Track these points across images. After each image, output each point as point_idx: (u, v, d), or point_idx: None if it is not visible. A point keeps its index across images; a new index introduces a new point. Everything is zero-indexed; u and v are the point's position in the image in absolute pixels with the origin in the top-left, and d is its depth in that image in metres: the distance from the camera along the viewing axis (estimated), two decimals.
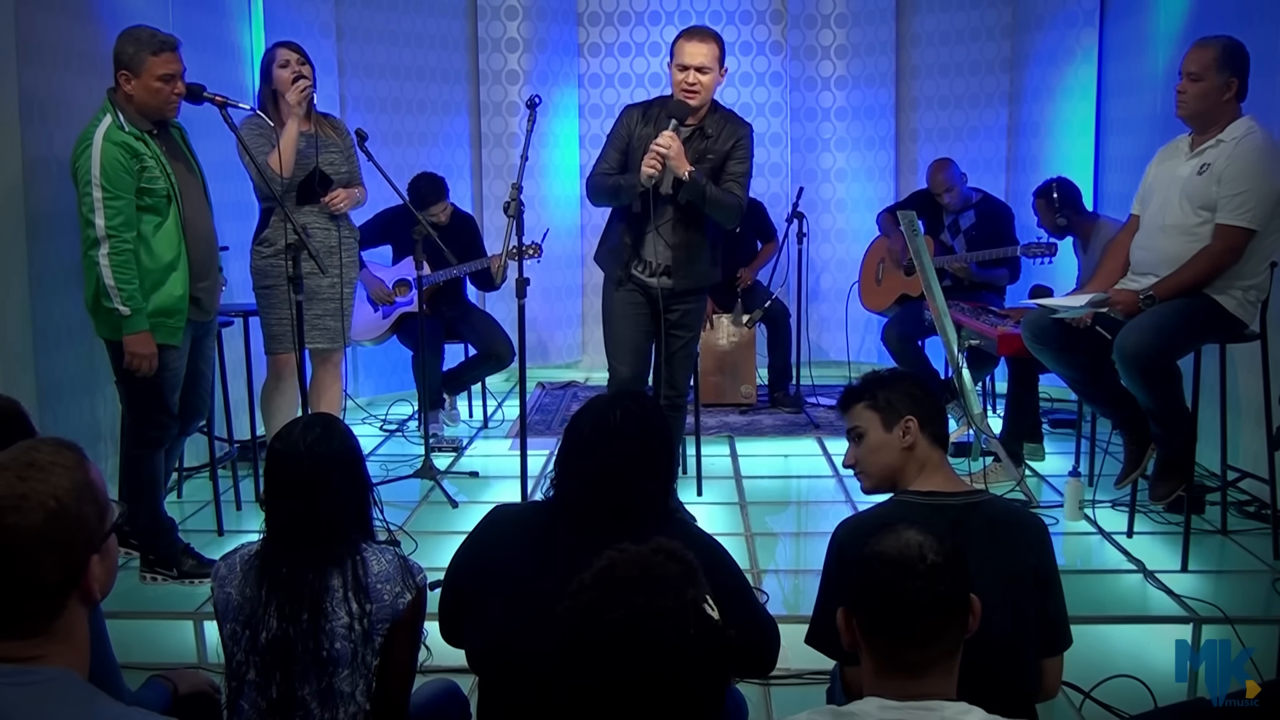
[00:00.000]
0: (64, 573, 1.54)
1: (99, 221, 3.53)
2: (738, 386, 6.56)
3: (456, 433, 6.06)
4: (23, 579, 1.51)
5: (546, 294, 7.46)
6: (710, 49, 4.01)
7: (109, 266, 3.55)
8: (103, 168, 3.53)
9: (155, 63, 3.61)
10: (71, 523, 1.53)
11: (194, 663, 3.43)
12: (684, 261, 4.12)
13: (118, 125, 3.58)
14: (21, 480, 1.52)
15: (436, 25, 7.17)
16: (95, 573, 1.58)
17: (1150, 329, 3.76)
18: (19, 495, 1.50)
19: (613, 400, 2.39)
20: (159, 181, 3.65)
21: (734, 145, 4.08)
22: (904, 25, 7.42)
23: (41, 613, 1.54)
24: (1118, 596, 3.77)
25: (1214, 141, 3.82)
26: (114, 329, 3.64)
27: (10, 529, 1.49)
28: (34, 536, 1.50)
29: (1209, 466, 4.57)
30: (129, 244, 3.57)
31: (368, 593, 2.19)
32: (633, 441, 2.29)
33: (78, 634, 1.60)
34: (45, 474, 1.53)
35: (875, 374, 2.57)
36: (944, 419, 2.45)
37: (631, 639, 1.38)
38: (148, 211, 3.64)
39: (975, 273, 5.82)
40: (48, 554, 1.51)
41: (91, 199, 3.53)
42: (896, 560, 1.69)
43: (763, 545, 4.27)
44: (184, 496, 4.82)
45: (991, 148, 7.12)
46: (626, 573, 1.44)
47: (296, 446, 2.24)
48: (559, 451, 2.37)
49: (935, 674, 1.70)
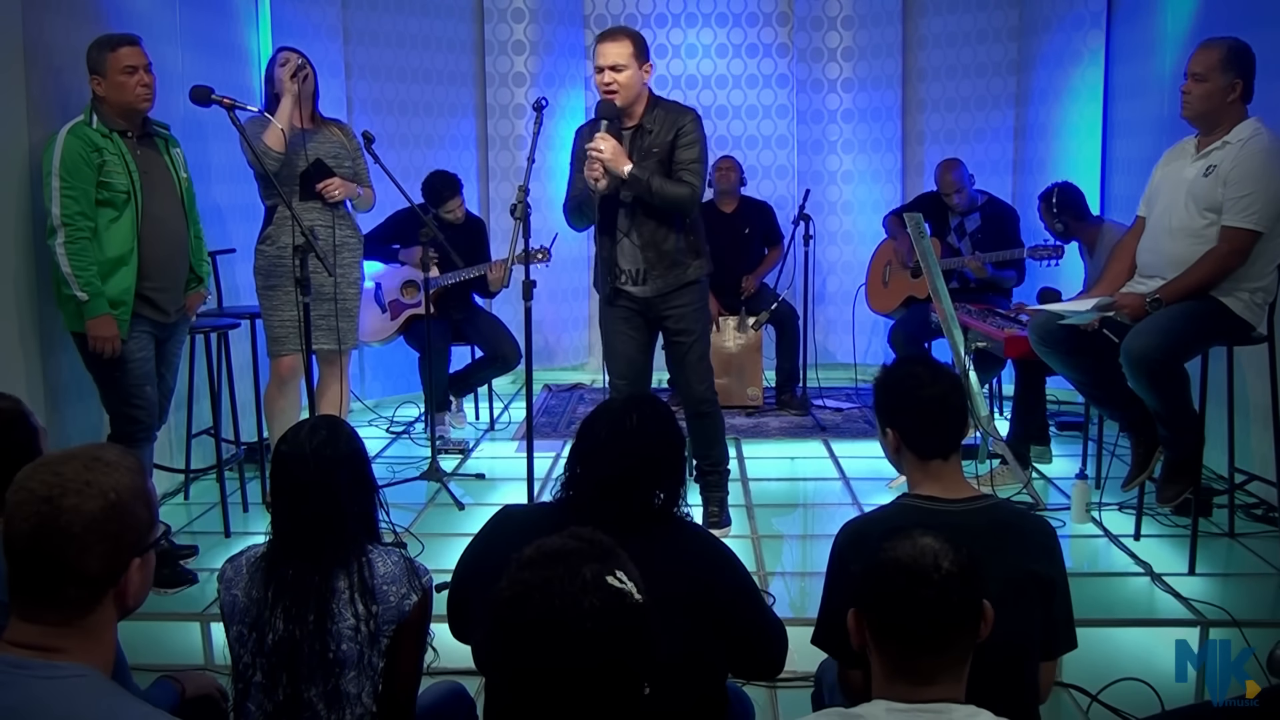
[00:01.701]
0: (107, 566, 1.59)
1: (55, 210, 3.66)
2: (744, 389, 6.56)
3: (463, 435, 6.06)
4: (68, 563, 1.56)
5: (553, 296, 7.46)
6: (621, 47, 4.05)
7: (65, 255, 3.66)
8: (62, 159, 3.67)
9: (114, 58, 3.76)
10: (125, 519, 1.60)
11: (200, 665, 3.44)
12: (656, 261, 4.14)
13: (85, 122, 3.74)
14: (88, 469, 1.59)
15: (443, 28, 7.19)
16: (134, 577, 1.63)
17: (1157, 332, 3.75)
18: (84, 481, 1.58)
19: (628, 403, 2.40)
20: (118, 178, 3.75)
21: (677, 134, 4.08)
22: (910, 27, 7.42)
23: (78, 603, 1.59)
24: (1125, 599, 3.76)
25: (1220, 143, 3.81)
26: (76, 318, 3.74)
27: (69, 510, 1.56)
28: (89, 522, 1.56)
29: (1216, 469, 4.55)
30: (84, 232, 3.68)
31: (374, 595, 2.19)
32: (649, 444, 2.30)
33: (106, 635, 1.64)
34: (110, 469, 1.61)
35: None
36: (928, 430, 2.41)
37: (520, 615, 1.41)
38: (104, 205, 3.75)
39: (992, 273, 5.83)
40: (97, 543, 1.57)
41: (50, 188, 3.67)
42: (911, 567, 1.69)
43: (769, 548, 4.27)
44: (191, 499, 4.83)
45: (998, 150, 7.12)
46: (527, 556, 1.47)
47: (302, 449, 2.24)
48: (572, 453, 2.38)
49: (945, 680, 1.69)
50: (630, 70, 4.03)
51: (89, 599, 1.59)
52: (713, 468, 4.39)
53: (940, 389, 2.35)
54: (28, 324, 3.94)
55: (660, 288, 4.17)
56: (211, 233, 5.27)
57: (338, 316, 4.50)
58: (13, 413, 2.38)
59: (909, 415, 2.35)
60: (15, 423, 2.35)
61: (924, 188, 6.98)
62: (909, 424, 2.35)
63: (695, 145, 4.08)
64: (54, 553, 1.55)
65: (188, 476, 4.87)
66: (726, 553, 2.36)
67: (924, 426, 2.34)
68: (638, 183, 4.00)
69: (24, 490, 1.58)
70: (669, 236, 4.13)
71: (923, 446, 2.35)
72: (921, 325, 5.73)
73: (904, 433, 2.36)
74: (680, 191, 4.03)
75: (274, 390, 4.59)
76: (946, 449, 2.35)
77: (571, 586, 1.41)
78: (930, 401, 2.34)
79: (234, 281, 5.38)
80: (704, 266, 4.25)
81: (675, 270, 4.16)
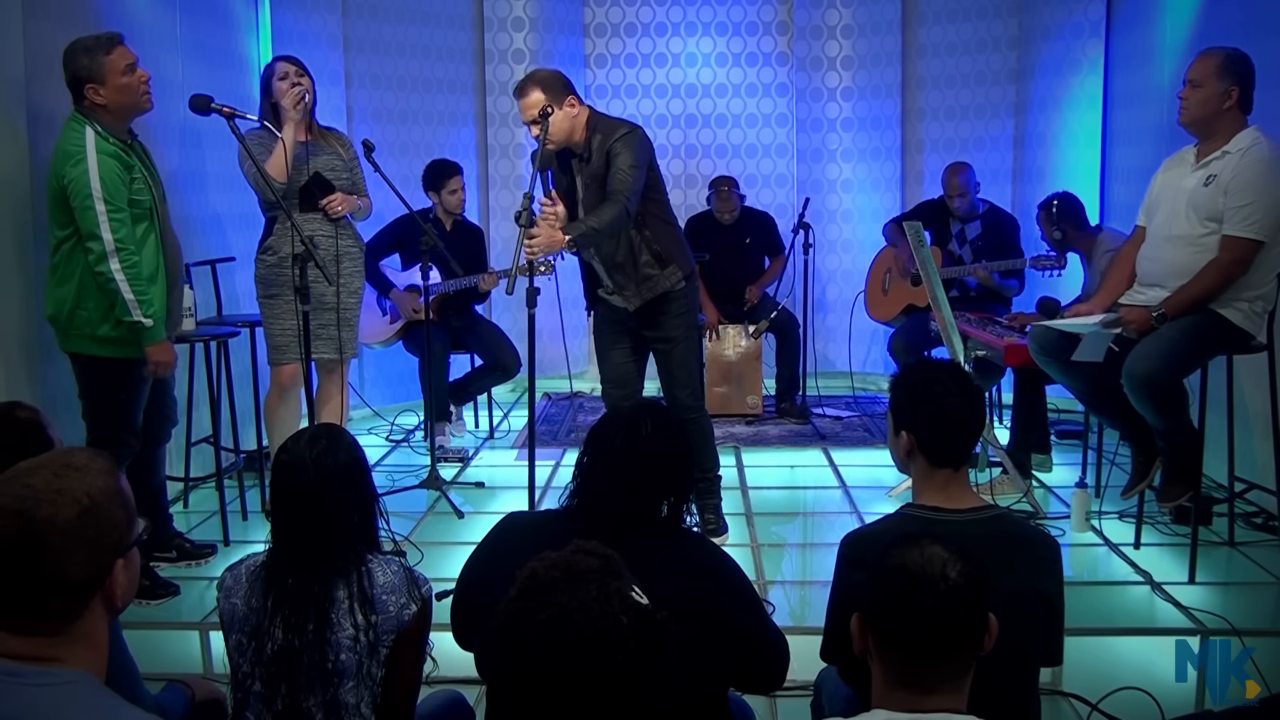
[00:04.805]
0: (90, 572, 1.57)
1: (106, 235, 3.49)
2: (744, 397, 6.56)
3: (462, 443, 6.06)
4: (50, 574, 1.54)
5: (552, 305, 7.42)
6: (533, 98, 4.05)
7: (125, 280, 3.52)
8: (102, 180, 3.49)
9: (112, 59, 3.59)
10: (102, 522, 1.57)
11: (200, 673, 3.43)
12: (624, 282, 4.19)
13: (103, 137, 3.55)
14: (58, 477, 1.56)
15: (443, 37, 7.19)
16: (119, 578, 1.61)
17: (1159, 354, 3.76)
18: (55, 490, 1.55)
19: (639, 410, 2.40)
20: (144, 192, 3.65)
21: (607, 154, 4.08)
22: (910, 36, 7.43)
23: (64, 611, 1.57)
24: (1125, 608, 3.76)
25: (1220, 153, 3.82)
26: (86, 343, 3.62)
27: (44, 520, 1.53)
28: (65, 530, 1.54)
29: (1216, 478, 4.55)
30: (135, 254, 3.57)
31: (373, 604, 2.19)
32: (662, 451, 2.30)
33: (98, 638, 1.62)
34: (81, 474, 1.58)
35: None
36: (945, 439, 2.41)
37: (562, 636, 1.40)
38: (135, 222, 3.63)
39: (998, 281, 5.84)
40: (77, 550, 1.55)
41: (94, 213, 3.48)
42: (918, 575, 1.69)
43: (769, 556, 4.26)
44: (190, 507, 4.83)
45: (998, 159, 7.12)
46: (548, 576, 1.46)
47: (302, 458, 2.24)
48: (583, 460, 2.37)
49: (946, 690, 1.69)
50: (555, 112, 4.03)
51: (75, 605, 1.57)
52: (703, 475, 4.38)
53: (964, 399, 2.35)
54: (20, 336, 3.92)
55: (636, 304, 4.20)
56: (210, 241, 5.29)
57: (339, 326, 4.51)
58: (30, 423, 2.38)
59: (928, 421, 2.35)
60: (32, 434, 2.35)
61: (923, 196, 6.99)
62: (926, 430, 2.35)
63: (623, 153, 4.04)
64: (33, 566, 1.53)
65: (187, 484, 4.86)
66: (730, 563, 2.36)
67: (942, 435, 2.34)
68: (583, 239, 4.02)
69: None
70: (630, 254, 4.15)
71: (937, 454, 2.34)
72: (921, 333, 5.72)
73: (920, 438, 2.36)
74: (613, 213, 4.00)
75: (274, 398, 4.58)
76: (959, 460, 2.35)
77: (609, 607, 1.41)
78: (953, 411, 2.34)
79: (234, 290, 5.38)
80: (678, 272, 4.21)
81: (646, 284, 4.18)
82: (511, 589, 1.48)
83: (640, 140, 4.11)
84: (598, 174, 4.09)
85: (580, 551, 1.50)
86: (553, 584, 1.44)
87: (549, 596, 1.43)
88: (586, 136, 4.14)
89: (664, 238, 4.20)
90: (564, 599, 1.42)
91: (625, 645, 1.40)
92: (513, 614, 1.44)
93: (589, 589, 1.43)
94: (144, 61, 3.76)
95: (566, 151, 4.21)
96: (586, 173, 4.13)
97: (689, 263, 4.29)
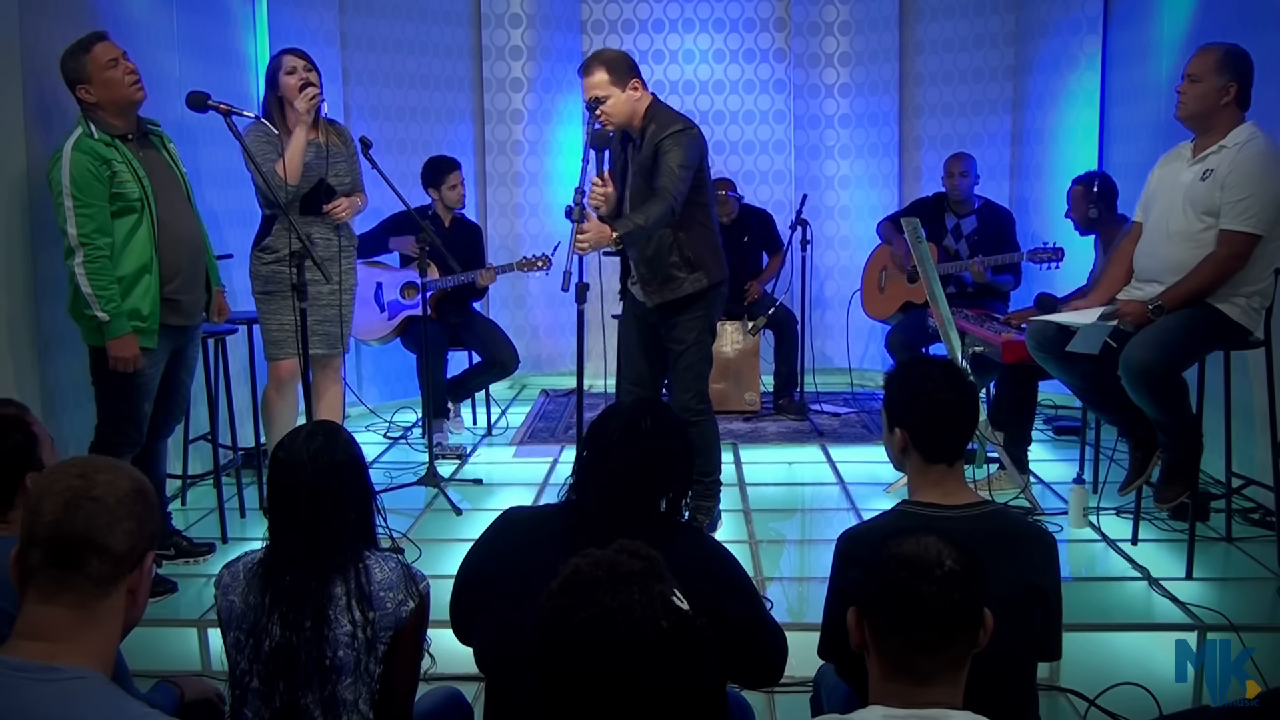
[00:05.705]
0: (130, 545, 1.65)
1: (71, 230, 3.58)
2: (741, 394, 6.56)
3: (460, 440, 6.06)
4: (100, 534, 1.62)
5: (550, 302, 7.47)
6: (596, 78, 4.05)
7: (85, 275, 3.60)
8: (72, 177, 3.58)
9: (94, 57, 3.67)
10: (148, 501, 1.70)
11: (198, 670, 3.43)
12: (650, 277, 4.18)
13: (87, 134, 3.64)
14: (96, 469, 1.68)
15: (441, 33, 7.19)
16: (145, 572, 1.69)
17: (1155, 345, 3.76)
18: (111, 467, 1.70)
19: (638, 405, 2.40)
20: (130, 186, 3.69)
21: (656, 147, 4.06)
22: (907, 32, 7.43)
23: (99, 580, 1.62)
24: (1122, 604, 3.77)
25: (1216, 147, 3.82)
26: (95, 334, 3.69)
27: (104, 484, 1.65)
28: (120, 497, 1.65)
29: (1213, 474, 4.56)
30: (103, 250, 3.62)
31: (371, 601, 2.19)
32: (662, 446, 2.30)
33: (112, 630, 1.66)
34: (123, 467, 1.72)
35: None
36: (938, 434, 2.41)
37: (604, 637, 1.39)
38: (120, 216, 3.67)
39: (990, 278, 5.83)
40: (125, 519, 1.65)
41: (64, 209, 3.58)
42: (914, 563, 1.70)
43: (767, 552, 4.26)
44: (188, 504, 4.82)
45: (995, 155, 7.12)
46: (592, 574, 1.45)
47: (300, 455, 2.24)
48: (582, 455, 2.38)
49: (941, 683, 1.69)
50: (615, 96, 4.04)
51: (109, 578, 1.63)
52: (701, 476, 4.37)
53: (956, 395, 2.37)
54: (24, 330, 3.93)
55: (656, 301, 4.19)
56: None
57: (341, 323, 4.51)
58: (13, 419, 2.38)
59: (921, 417, 2.36)
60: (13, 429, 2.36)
61: (921, 192, 6.99)
62: (920, 426, 2.36)
63: (670, 153, 4.01)
64: (87, 522, 1.61)
65: (185, 482, 4.85)
66: (728, 558, 2.36)
67: (935, 430, 2.35)
68: (629, 236, 4.00)
69: (53, 478, 1.67)
70: (658, 251, 4.13)
71: (930, 450, 2.35)
72: (918, 330, 5.73)
73: (913, 434, 2.37)
74: (660, 211, 3.98)
75: (272, 393, 4.58)
76: (953, 455, 2.36)
77: (651, 611, 1.41)
78: (946, 407, 2.35)
79: (230, 287, 5.34)
80: (704, 280, 4.17)
81: (670, 285, 4.16)
82: (554, 582, 1.47)
83: (693, 140, 4.07)
84: (645, 165, 4.07)
85: (625, 552, 1.48)
86: (596, 583, 1.43)
87: (592, 595, 1.42)
88: (643, 124, 4.11)
89: (698, 242, 4.17)
90: (607, 599, 1.41)
91: (665, 648, 1.39)
92: (555, 609, 1.43)
93: (632, 591, 1.42)
94: (141, 59, 3.76)
95: (626, 134, 4.19)
96: (636, 160, 4.12)
97: (720, 271, 4.25)
